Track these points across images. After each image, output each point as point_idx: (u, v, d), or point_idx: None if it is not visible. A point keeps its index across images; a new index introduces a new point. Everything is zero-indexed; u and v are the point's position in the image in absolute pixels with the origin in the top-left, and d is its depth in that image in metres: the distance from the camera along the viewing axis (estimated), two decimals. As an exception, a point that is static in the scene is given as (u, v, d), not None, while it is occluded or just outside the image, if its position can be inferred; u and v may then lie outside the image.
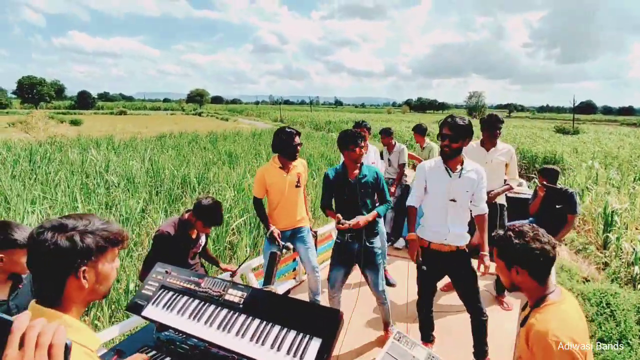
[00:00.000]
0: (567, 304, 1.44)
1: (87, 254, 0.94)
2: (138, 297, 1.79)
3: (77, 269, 0.93)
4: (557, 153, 14.64)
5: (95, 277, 0.98)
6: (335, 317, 1.49)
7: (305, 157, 10.75)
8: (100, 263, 0.99)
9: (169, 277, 1.84)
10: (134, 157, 9.68)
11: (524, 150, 15.96)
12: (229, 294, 1.68)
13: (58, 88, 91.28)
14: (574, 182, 8.82)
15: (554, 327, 1.34)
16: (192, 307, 1.68)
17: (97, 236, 0.97)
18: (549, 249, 1.44)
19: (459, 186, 2.61)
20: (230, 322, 1.58)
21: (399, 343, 2.17)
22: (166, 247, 2.53)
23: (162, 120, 44.77)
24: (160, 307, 1.71)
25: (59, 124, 34.88)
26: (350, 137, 2.81)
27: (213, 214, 2.59)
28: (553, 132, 28.80)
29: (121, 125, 34.30)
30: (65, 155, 9.47)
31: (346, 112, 73.79)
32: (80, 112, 63.07)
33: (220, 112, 70.23)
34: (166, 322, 1.64)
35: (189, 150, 11.73)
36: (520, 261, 1.47)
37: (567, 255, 6.22)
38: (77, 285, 0.95)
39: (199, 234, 2.76)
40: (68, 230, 0.93)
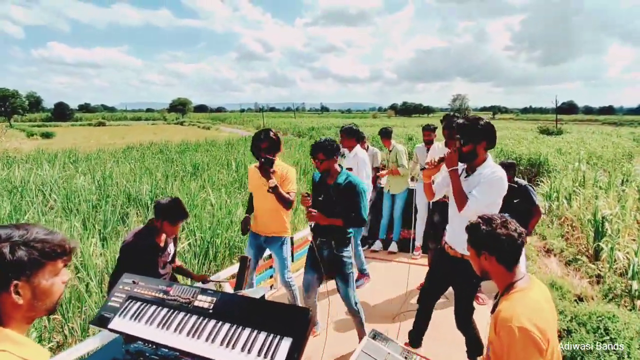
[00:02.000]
0: (534, 292, 1.47)
1: (18, 269, 0.87)
2: (104, 310, 1.74)
3: (8, 285, 0.87)
4: (542, 154, 14.22)
5: (32, 293, 0.90)
6: (305, 316, 1.50)
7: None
8: (37, 278, 0.91)
9: (136, 287, 1.79)
10: (87, 172, 8.85)
11: (507, 151, 15.53)
12: (198, 300, 1.67)
13: (34, 100, 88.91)
14: (560, 185, 8.28)
15: (519, 313, 1.37)
16: (161, 315, 1.65)
17: (31, 249, 0.89)
18: (516, 235, 1.48)
19: (465, 187, 2.48)
20: (200, 328, 1.56)
21: (373, 341, 2.18)
22: (132, 258, 2.44)
23: (141, 131, 43.68)
24: (128, 318, 1.67)
25: (28, 137, 33.78)
26: (311, 148, 2.88)
27: (175, 208, 2.50)
28: (537, 133, 28.66)
29: (95, 136, 33.23)
30: (8, 173, 8.59)
31: (331, 118, 73.46)
32: (56, 125, 61.44)
33: (203, 121, 69.30)
34: (134, 333, 1.61)
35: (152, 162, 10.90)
36: (488, 247, 1.51)
37: (557, 267, 5.65)
38: (11, 302, 0.88)
39: (167, 241, 2.67)
40: (0, 241, 0.87)
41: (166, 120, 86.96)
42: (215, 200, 6.52)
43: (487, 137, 2.43)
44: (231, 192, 7.78)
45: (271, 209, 3.14)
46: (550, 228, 7.00)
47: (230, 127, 52.35)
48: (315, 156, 2.84)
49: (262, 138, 3.06)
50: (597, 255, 5.67)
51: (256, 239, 3.31)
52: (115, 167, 9.91)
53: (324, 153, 2.81)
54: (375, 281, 4.30)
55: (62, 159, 12.02)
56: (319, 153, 2.82)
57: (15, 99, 61.45)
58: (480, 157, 2.49)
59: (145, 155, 12.60)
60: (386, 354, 2.12)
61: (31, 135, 35.16)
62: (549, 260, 5.91)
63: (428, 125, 4.96)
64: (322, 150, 2.80)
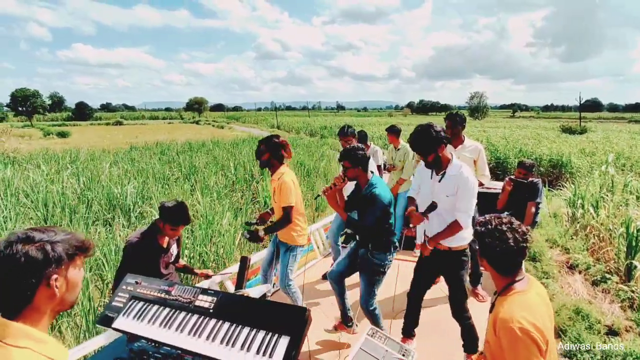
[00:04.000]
0: (532, 293, 1.50)
1: (58, 262, 0.97)
2: (108, 310, 1.79)
3: (49, 278, 0.96)
4: (564, 154, 13.26)
5: (66, 285, 1.00)
6: (302, 315, 1.54)
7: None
8: (70, 271, 1.01)
9: (139, 287, 1.84)
10: (78, 174, 8.50)
11: (527, 152, 14.59)
12: (199, 300, 1.71)
13: (57, 100, 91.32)
14: (585, 191, 7.47)
15: (518, 314, 1.40)
16: (163, 315, 1.69)
17: (66, 244, 1.00)
18: (512, 245, 1.48)
19: (439, 190, 2.64)
20: (201, 327, 1.61)
21: (372, 338, 2.20)
22: (134, 258, 2.49)
23: (155, 130, 43.95)
24: (131, 317, 1.72)
25: (44, 136, 34.24)
26: (339, 155, 2.90)
27: (177, 213, 2.52)
28: (559, 132, 27.30)
29: (110, 136, 33.45)
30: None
31: (346, 117, 72.68)
32: (76, 124, 62.68)
33: (218, 120, 69.58)
34: (137, 332, 1.65)
35: (149, 163, 10.49)
36: (480, 249, 1.59)
37: (583, 287, 4.94)
38: (48, 294, 0.97)
39: (170, 242, 2.71)
40: (36, 241, 0.96)
41: (183, 119, 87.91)
42: (203, 206, 6.03)
43: (443, 140, 2.55)
44: (223, 195, 7.28)
45: (276, 218, 3.26)
46: (574, 240, 6.24)
47: (244, 126, 52.29)
48: (342, 163, 2.85)
49: (259, 144, 3.19)
50: (630, 275, 4.93)
51: (275, 237, 3.44)
52: (111, 168, 9.57)
53: (349, 161, 2.81)
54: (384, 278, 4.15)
55: (64, 159, 11.80)
56: (345, 160, 2.82)
57: (36, 99, 62.90)
58: (445, 159, 2.63)
59: (144, 155, 12.25)
60: (384, 351, 2.14)
61: (48, 135, 35.68)
62: (573, 278, 5.17)
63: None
64: (348, 158, 2.81)
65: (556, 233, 6.50)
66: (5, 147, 11.66)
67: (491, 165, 14.82)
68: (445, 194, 2.60)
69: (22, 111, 63.69)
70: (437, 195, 2.65)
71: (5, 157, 11.20)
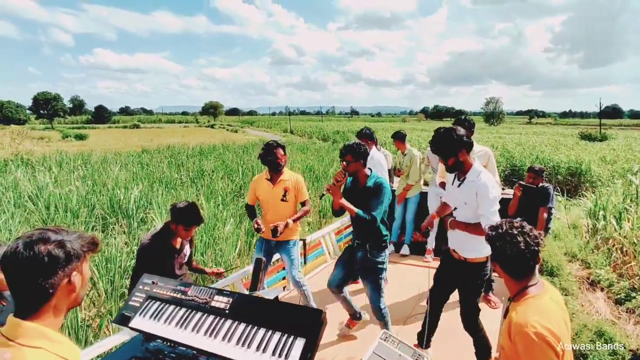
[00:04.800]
0: (546, 298, 1.48)
1: (77, 259, 1.00)
2: (125, 309, 1.80)
3: (70, 274, 0.99)
4: (584, 162, 12.76)
5: (81, 281, 1.03)
6: (317, 317, 1.53)
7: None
8: (83, 267, 1.04)
9: (155, 287, 1.85)
10: (86, 177, 8.49)
11: (544, 159, 14.11)
12: (215, 301, 1.71)
13: (78, 103, 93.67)
14: (607, 201, 7.09)
15: (532, 319, 1.38)
16: (179, 315, 1.70)
17: (80, 241, 1.02)
18: (523, 248, 1.46)
19: (459, 196, 2.61)
20: (217, 327, 1.61)
21: (385, 343, 2.17)
22: (148, 259, 2.52)
23: (171, 133, 44.48)
24: (148, 317, 1.72)
25: (63, 139, 34.97)
26: (340, 150, 2.89)
27: (189, 213, 2.55)
28: (578, 139, 26.53)
29: (126, 139, 33.93)
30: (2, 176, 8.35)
31: (359, 122, 72.39)
32: (94, 127, 64.03)
33: (233, 124, 70.19)
34: (154, 332, 1.66)
35: (157, 167, 10.44)
36: (493, 255, 1.56)
37: (605, 306, 4.61)
38: (68, 290, 0.99)
39: (183, 243, 2.74)
40: (53, 240, 0.97)
41: (198, 123, 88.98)
42: (206, 211, 5.90)
43: (464, 144, 2.48)
44: (228, 201, 7.14)
45: (283, 216, 3.23)
46: (595, 253, 5.88)
47: (257, 130, 52.54)
48: (344, 157, 2.85)
49: (276, 147, 3.26)
50: (657, 293, 4.58)
51: (267, 244, 3.40)
52: (120, 172, 9.56)
53: (352, 155, 2.82)
54: (397, 285, 4.29)
55: (75, 161, 11.88)
56: (347, 155, 2.82)
57: (57, 102, 64.54)
58: (467, 164, 2.54)
59: (154, 159, 12.23)
60: (397, 356, 2.14)
61: (66, 137, 36.43)
62: (595, 296, 4.84)
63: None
64: (351, 152, 2.82)
65: (575, 246, 6.14)
66: (19, 148, 11.79)
67: (507, 172, 14.39)
68: (464, 201, 2.55)
69: (44, 114, 65.44)
70: (456, 201, 2.65)
71: (19, 158, 11.34)
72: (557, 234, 6.77)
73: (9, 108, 62.54)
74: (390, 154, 5.27)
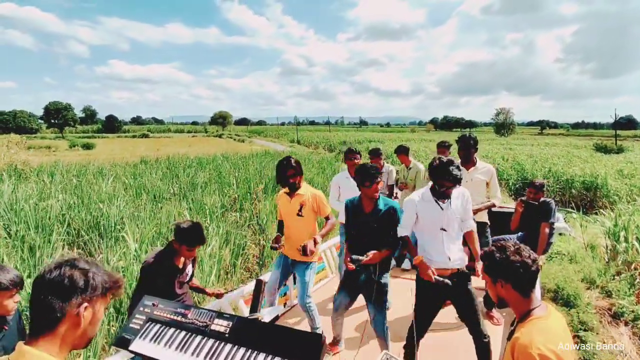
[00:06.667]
0: (551, 320, 1.50)
1: (93, 291, 1.02)
2: (125, 331, 1.80)
3: (80, 305, 1.00)
4: (599, 176, 12.06)
5: (91, 317, 1.03)
6: (317, 342, 1.55)
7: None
8: (98, 304, 1.05)
9: (156, 309, 1.85)
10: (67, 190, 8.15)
11: (557, 172, 13.44)
12: (215, 324, 1.72)
13: (90, 113, 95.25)
14: (629, 221, 6.49)
15: (537, 340, 1.39)
16: (179, 338, 1.71)
17: (105, 277, 1.06)
18: (529, 262, 1.52)
19: (451, 216, 2.73)
20: (217, 352, 1.62)
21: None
22: (151, 278, 2.53)
23: (179, 143, 44.57)
24: (148, 340, 1.73)
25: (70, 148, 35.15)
26: (363, 174, 2.83)
27: (193, 234, 2.55)
28: (592, 151, 25.66)
29: (132, 148, 33.93)
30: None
31: (367, 132, 72.00)
32: (104, 136, 64.70)
33: (240, 134, 70.34)
34: (153, 356, 1.65)
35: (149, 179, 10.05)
36: (502, 274, 1.55)
37: (631, 344, 4.03)
38: (74, 321, 1.00)
39: (186, 262, 2.74)
40: (81, 267, 1.03)
41: (207, 132, 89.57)
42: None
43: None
44: (217, 217, 6.70)
45: (301, 235, 3.22)
46: (617, 280, 5.29)
47: (264, 140, 52.43)
48: (376, 181, 2.85)
49: (286, 166, 3.22)
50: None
51: (285, 261, 3.41)
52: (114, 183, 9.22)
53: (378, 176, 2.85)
54: (399, 300, 4.26)
55: (69, 172, 11.61)
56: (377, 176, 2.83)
57: (67, 112, 65.45)
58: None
59: (148, 170, 11.88)
60: None
61: (73, 146, 36.63)
62: (618, 331, 4.26)
63: (442, 142, 5.05)
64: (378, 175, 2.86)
65: (594, 270, 5.55)
66: (13, 158, 11.57)
67: (517, 186, 13.76)
68: (456, 216, 2.76)
69: (55, 123, 66.34)
70: (446, 222, 2.73)
71: (12, 169, 11.10)
72: (573, 256, 6.17)
73: (22, 117, 63.58)
74: (394, 169, 5.19)
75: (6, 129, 55.09)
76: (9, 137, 13.55)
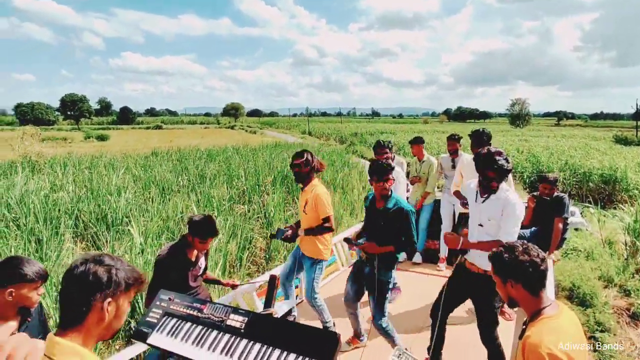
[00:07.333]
0: (562, 318, 1.49)
1: (116, 288, 1.07)
2: (143, 325, 1.84)
3: (104, 300, 1.05)
4: (619, 169, 11.65)
5: (115, 311, 1.09)
6: (332, 339, 1.56)
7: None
8: (122, 300, 1.10)
9: (172, 304, 1.89)
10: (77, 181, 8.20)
11: (573, 165, 13.03)
12: (230, 319, 1.75)
13: (105, 105, 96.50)
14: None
15: (547, 339, 1.39)
16: (196, 333, 1.74)
17: (128, 273, 1.10)
18: (538, 261, 1.53)
19: (483, 212, 2.64)
20: (233, 347, 1.64)
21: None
22: (165, 271, 2.58)
23: (191, 134, 44.79)
24: (165, 334, 1.77)
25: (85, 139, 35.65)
26: (373, 170, 2.84)
27: (206, 226, 2.59)
28: (612, 142, 24.92)
29: (146, 139, 34.21)
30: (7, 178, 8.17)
31: (379, 124, 71.34)
32: (119, 127, 65.53)
33: (252, 125, 70.42)
34: (171, 349, 1.70)
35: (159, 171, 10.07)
36: (512, 274, 1.55)
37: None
38: (100, 316, 1.05)
39: (199, 256, 2.77)
40: (106, 264, 1.08)
41: (219, 124, 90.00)
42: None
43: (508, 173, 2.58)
44: (225, 210, 6.66)
45: (304, 227, 3.30)
46: (637, 279, 5.08)
47: (276, 132, 52.38)
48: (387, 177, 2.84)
49: (293, 158, 3.24)
50: None
51: (297, 250, 3.47)
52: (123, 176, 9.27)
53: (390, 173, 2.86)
54: (409, 294, 4.29)
55: (83, 164, 11.74)
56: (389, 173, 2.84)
57: (83, 104, 66.40)
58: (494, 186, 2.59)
59: (160, 162, 11.91)
60: None
61: (88, 138, 37.13)
62: (637, 333, 4.09)
63: (452, 135, 4.92)
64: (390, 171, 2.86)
65: (612, 268, 5.35)
66: (27, 150, 11.72)
67: (532, 179, 13.41)
68: (488, 217, 2.61)
69: (71, 115, 67.42)
70: (480, 217, 2.66)
71: (26, 160, 11.26)
72: (590, 253, 5.97)
73: (39, 109, 64.74)
74: (405, 162, 5.12)
75: (25, 121, 56.25)
76: (24, 129, 13.70)
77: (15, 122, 66.17)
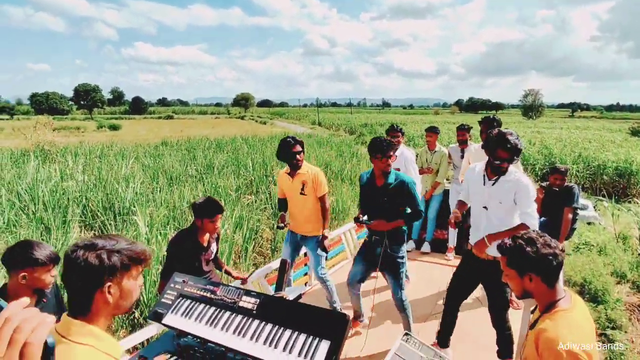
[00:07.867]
0: (576, 311, 1.48)
1: (112, 271, 1.04)
2: (158, 306, 1.89)
3: (103, 285, 1.03)
4: (634, 161, 11.35)
5: (120, 293, 1.07)
6: (342, 320, 1.59)
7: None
8: (124, 280, 1.07)
9: (186, 286, 1.94)
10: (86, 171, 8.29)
11: (587, 157, 12.73)
12: (243, 301, 1.79)
13: (117, 94, 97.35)
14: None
15: (564, 334, 1.37)
16: (209, 314, 1.79)
17: (122, 255, 1.06)
18: (559, 252, 1.49)
19: (492, 195, 2.60)
20: (245, 327, 1.69)
21: (406, 344, 2.19)
22: (177, 257, 2.61)
23: (202, 124, 45.00)
24: (179, 314, 1.82)
25: (97, 129, 36.07)
26: (376, 146, 2.84)
27: (210, 205, 2.62)
28: (627, 135, 24.27)
29: (157, 129, 34.50)
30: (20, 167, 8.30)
31: (389, 114, 70.69)
32: (131, 117, 66.14)
33: (262, 116, 70.39)
34: (185, 329, 1.75)
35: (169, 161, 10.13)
36: (534, 268, 1.50)
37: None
38: (103, 299, 1.04)
39: (210, 240, 2.79)
40: (97, 248, 1.04)
41: (229, 114, 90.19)
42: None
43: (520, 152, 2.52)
44: (232, 200, 6.67)
45: (305, 212, 3.36)
46: (650, 274, 4.96)
47: (285, 122, 52.29)
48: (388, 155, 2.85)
49: (293, 144, 3.24)
50: None
51: (292, 237, 3.52)
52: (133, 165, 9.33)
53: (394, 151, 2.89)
54: (418, 283, 4.33)
55: (94, 153, 11.86)
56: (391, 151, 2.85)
57: (95, 93, 67.09)
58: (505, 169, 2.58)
59: (170, 152, 11.97)
60: (419, 357, 2.15)
61: (101, 127, 37.55)
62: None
63: (462, 125, 4.92)
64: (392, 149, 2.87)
65: (625, 263, 5.23)
66: (39, 139, 11.87)
67: (544, 171, 13.17)
68: (499, 200, 2.56)
69: (84, 105, 68.22)
70: (489, 200, 2.62)
71: (38, 149, 11.42)
72: (603, 248, 5.84)
73: (54, 99, 65.61)
74: (413, 152, 4.98)
75: (40, 110, 57.10)
76: (37, 119, 13.88)
77: (30, 111, 67.16)
